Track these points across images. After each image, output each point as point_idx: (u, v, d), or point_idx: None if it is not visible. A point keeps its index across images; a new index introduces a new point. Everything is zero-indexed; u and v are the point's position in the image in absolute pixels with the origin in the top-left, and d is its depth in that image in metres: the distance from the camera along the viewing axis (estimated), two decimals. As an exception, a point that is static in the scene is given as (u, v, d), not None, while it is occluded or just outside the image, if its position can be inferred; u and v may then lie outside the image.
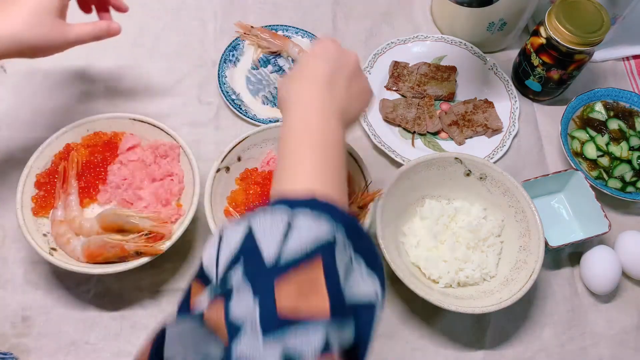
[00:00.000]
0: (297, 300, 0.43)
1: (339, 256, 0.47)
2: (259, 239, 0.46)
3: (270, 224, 0.47)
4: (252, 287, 0.44)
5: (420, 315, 0.82)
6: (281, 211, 0.47)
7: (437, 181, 0.85)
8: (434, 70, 1.01)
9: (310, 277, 0.45)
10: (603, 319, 0.85)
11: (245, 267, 0.45)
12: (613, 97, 0.99)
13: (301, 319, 0.42)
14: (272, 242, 0.46)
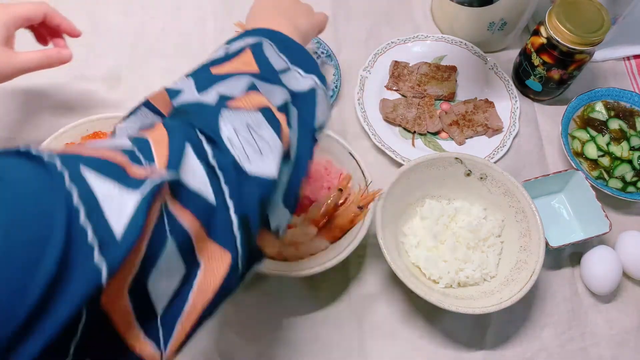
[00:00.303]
0: (229, 70, 0.52)
1: (268, 52, 0.55)
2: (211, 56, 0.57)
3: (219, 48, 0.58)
4: (193, 76, 0.52)
5: (421, 315, 0.82)
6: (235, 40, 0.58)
7: (437, 181, 0.85)
8: (434, 70, 1.01)
9: (240, 60, 0.53)
10: (603, 319, 0.85)
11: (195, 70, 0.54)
12: (614, 97, 0.99)
13: (231, 73, 0.51)
14: (218, 54, 0.56)
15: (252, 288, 0.82)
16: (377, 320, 0.81)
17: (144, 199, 0.36)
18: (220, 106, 0.47)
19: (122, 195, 0.36)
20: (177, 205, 0.40)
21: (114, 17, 1.02)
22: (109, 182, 0.36)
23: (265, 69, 0.53)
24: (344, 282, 0.83)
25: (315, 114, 0.55)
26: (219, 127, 0.45)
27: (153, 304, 0.39)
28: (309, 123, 0.54)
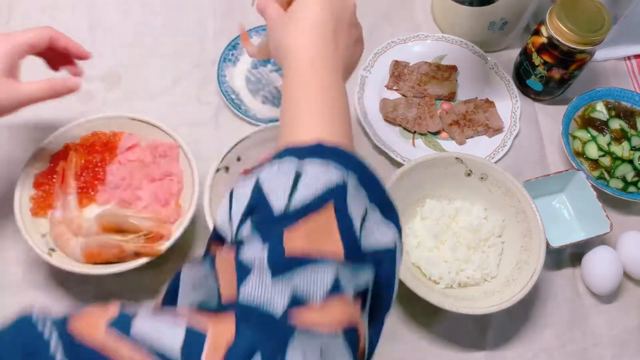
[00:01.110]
0: (307, 244, 0.42)
1: (351, 201, 0.45)
2: (266, 191, 0.45)
3: (277, 175, 0.46)
4: (260, 236, 0.43)
5: (421, 316, 0.82)
6: (289, 161, 0.46)
7: (437, 181, 0.85)
8: (434, 70, 1.01)
9: (321, 222, 0.43)
10: (604, 320, 0.85)
11: (254, 219, 0.45)
12: (614, 96, 0.99)
13: (311, 258, 0.41)
14: (281, 193, 0.45)
15: (252, 288, 0.81)
16: (377, 321, 0.81)
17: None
18: (290, 324, 0.39)
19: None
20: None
21: (114, 17, 1.02)
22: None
23: (350, 244, 0.44)
24: (344, 283, 0.83)
25: (394, 289, 0.48)
26: (286, 356, 0.38)
27: None
28: (385, 307, 0.48)
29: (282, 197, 0.45)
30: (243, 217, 0.46)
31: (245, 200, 0.47)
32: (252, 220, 0.45)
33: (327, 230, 0.43)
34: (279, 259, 0.42)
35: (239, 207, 0.47)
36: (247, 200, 0.46)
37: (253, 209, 0.46)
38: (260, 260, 0.41)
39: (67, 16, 1.01)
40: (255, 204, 0.46)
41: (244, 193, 0.47)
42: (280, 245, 0.42)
